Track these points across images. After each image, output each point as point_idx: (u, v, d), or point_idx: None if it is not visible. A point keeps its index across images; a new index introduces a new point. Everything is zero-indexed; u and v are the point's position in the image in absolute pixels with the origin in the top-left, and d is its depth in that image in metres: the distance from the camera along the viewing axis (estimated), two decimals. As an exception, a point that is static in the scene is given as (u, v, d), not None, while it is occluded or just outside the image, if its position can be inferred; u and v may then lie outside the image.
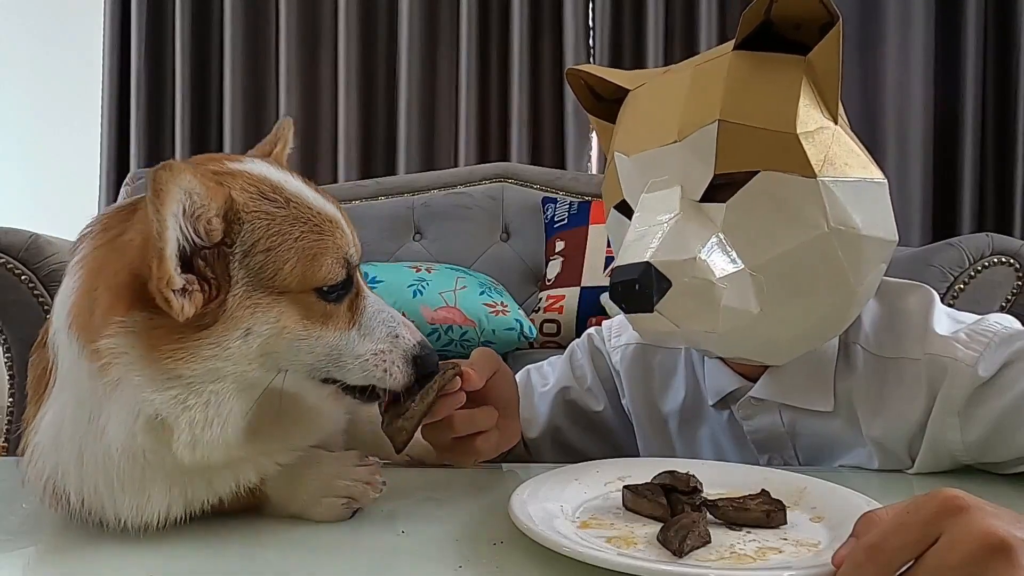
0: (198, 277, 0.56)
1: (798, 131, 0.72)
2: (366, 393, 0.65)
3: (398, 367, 0.64)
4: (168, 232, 0.53)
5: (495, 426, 0.77)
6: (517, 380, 1.08)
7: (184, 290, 0.55)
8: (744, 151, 0.74)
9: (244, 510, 0.66)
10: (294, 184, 0.63)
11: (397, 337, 0.65)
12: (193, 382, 0.57)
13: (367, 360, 0.63)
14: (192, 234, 0.55)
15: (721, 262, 0.73)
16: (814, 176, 0.72)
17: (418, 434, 0.86)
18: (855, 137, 0.79)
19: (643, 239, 0.74)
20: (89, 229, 0.62)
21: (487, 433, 0.76)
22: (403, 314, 0.68)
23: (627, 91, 0.88)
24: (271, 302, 0.58)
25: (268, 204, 0.59)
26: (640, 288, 0.71)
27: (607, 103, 0.91)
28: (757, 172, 0.73)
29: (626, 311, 0.75)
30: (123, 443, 0.57)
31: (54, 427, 0.60)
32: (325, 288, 0.61)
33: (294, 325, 0.60)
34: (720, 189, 0.75)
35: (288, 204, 0.60)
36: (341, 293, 0.62)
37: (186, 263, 0.56)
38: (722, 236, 0.74)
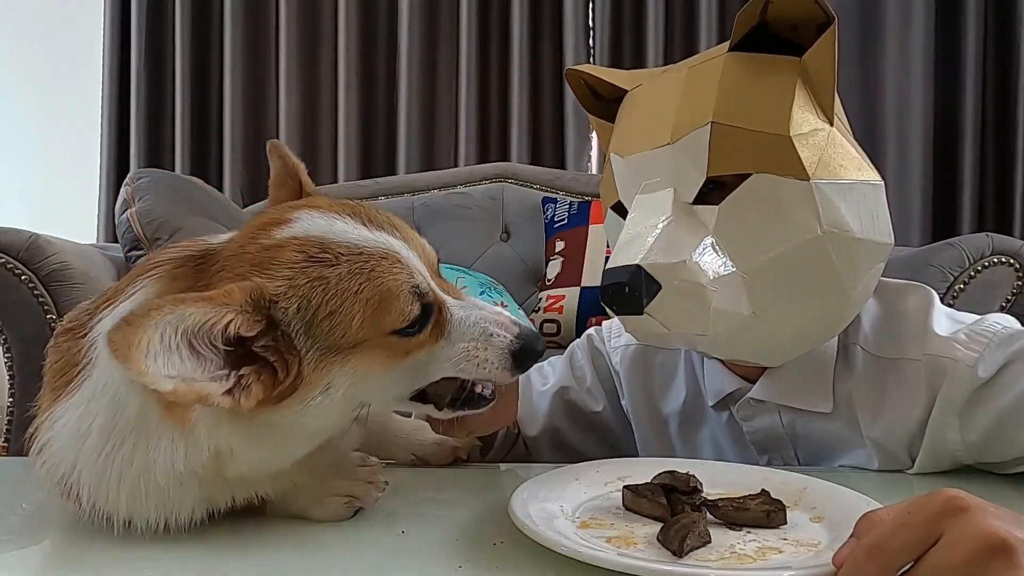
0: (259, 364, 0.56)
1: (791, 133, 0.72)
2: (474, 402, 0.67)
3: (495, 364, 0.63)
4: (156, 381, 0.51)
5: None
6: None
7: (238, 386, 0.55)
8: (737, 153, 0.74)
9: (246, 509, 0.66)
10: (340, 230, 0.61)
11: (491, 336, 0.63)
12: (271, 426, 0.58)
13: (456, 359, 0.63)
14: (215, 346, 0.54)
15: (712, 265, 0.73)
16: (807, 179, 0.72)
17: (424, 435, 0.86)
18: (852, 138, 0.78)
19: (635, 241, 0.74)
20: (156, 269, 0.62)
21: None
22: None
23: (625, 91, 0.88)
24: (347, 356, 0.58)
25: (318, 268, 0.58)
26: (630, 291, 0.72)
27: (607, 103, 0.91)
28: (750, 175, 0.73)
29: (616, 313, 0.75)
30: (175, 467, 0.57)
31: (77, 431, 0.60)
32: (403, 328, 0.60)
33: (376, 369, 0.60)
34: (713, 191, 0.75)
35: (339, 260, 0.58)
36: (422, 323, 0.61)
37: (239, 358, 0.55)
38: (714, 239, 0.74)
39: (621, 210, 0.83)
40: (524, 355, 0.64)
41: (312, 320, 0.57)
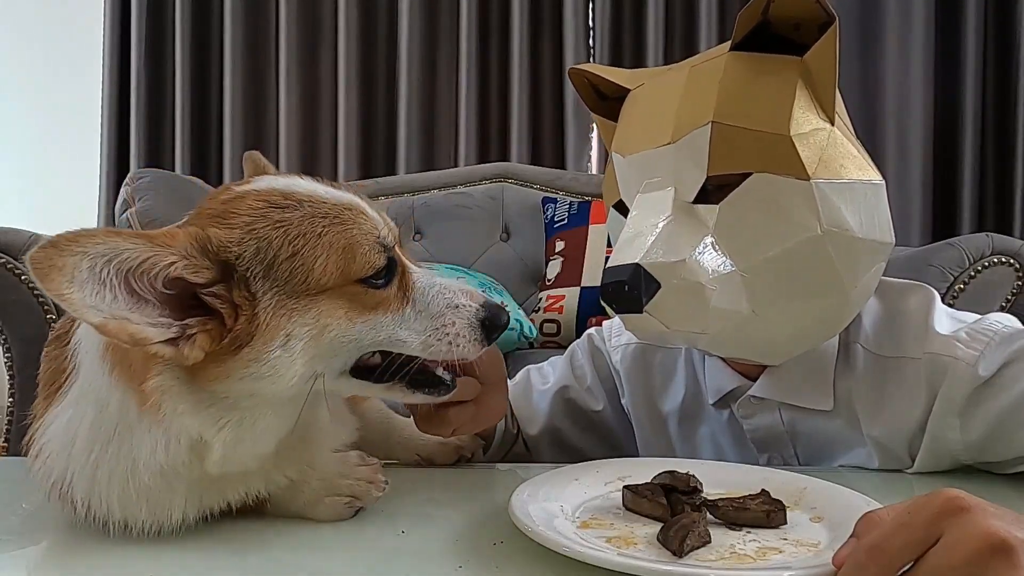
0: (209, 315, 0.55)
1: (792, 133, 0.72)
2: (433, 384, 0.65)
3: (464, 336, 0.62)
4: (82, 310, 0.50)
5: (473, 400, 0.75)
6: (517, 379, 1.09)
7: (183, 337, 0.54)
8: (737, 153, 0.74)
9: (246, 510, 0.66)
10: (304, 184, 0.61)
11: (457, 307, 0.63)
12: (230, 399, 0.57)
13: (428, 336, 0.62)
14: (154, 288, 0.53)
15: (712, 264, 0.73)
16: (808, 178, 0.72)
17: (427, 436, 0.86)
18: (854, 138, 0.78)
19: (635, 240, 0.75)
20: None
21: (463, 405, 0.74)
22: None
23: (628, 90, 0.88)
24: (308, 303, 0.57)
25: (280, 212, 0.58)
26: (630, 289, 0.72)
27: (610, 101, 0.91)
28: (750, 174, 0.73)
29: (616, 311, 0.75)
30: (157, 463, 0.57)
31: (67, 435, 0.60)
32: (368, 276, 0.59)
33: (338, 320, 0.58)
34: (713, 191, 0.75)
35: (302, 204, 0.58)
36: (387, 277, 0.61)
37: (187, 307, 0.55)
38: (714, 238, 0.74)
39: (623, 209, 0.83)
40: (491, 323, 0.63)
41: (272, 262, 0.56)
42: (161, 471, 0.58)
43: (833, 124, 0.75)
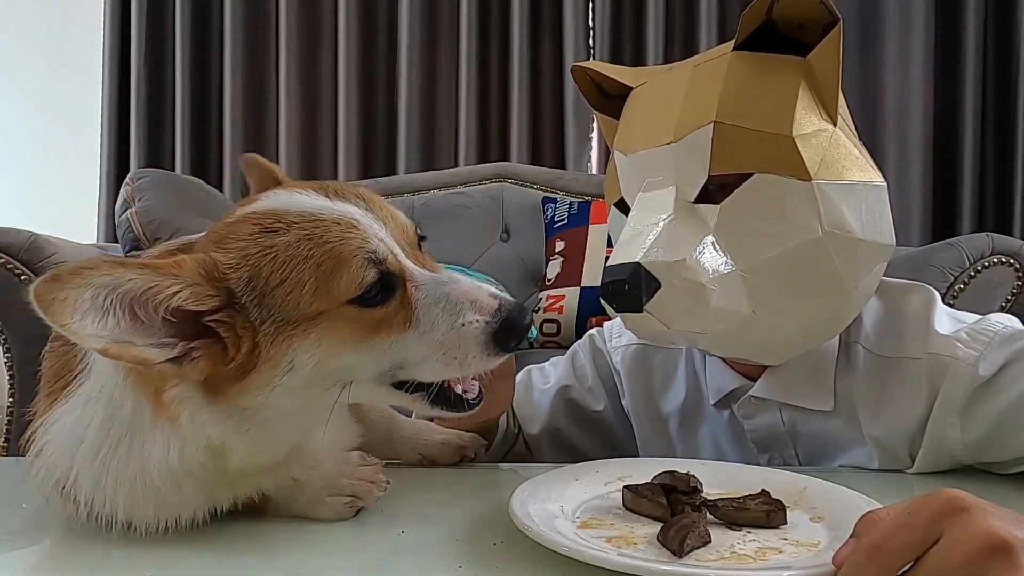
0: (210, 337, 0.55)
1: (794, 134, 0.72)
2: (454, 403, 0.63)
3: (474, 355, 0.58)
4: (83, 338, 0.51)
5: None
6: (519, 379, 1.09)
7: (187, 357, 0.54)
8: (739, 153, 0.74)
9: (247, 509, 0.66)
10: (300, 202, 0.59)
11: (463, 327, 0.58)
12: (251, 410, 0.58)
13: (436, 363, 0.59)
14: (160, 314, 0.54)
15: (712, 263, 0.73)
16: (809, 179, 0.72)
17: (431, 435, 0.86)
18: (856, 139, 0.78)
19: (636, 239, 0.75)
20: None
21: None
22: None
23: (631, 88, 0.88)
24: (307, 329, 0.56)
25: (270, 237, 0.57)
26: (630, 288, 0.72)
27: (612, 99, 0.91)
28: (752, 174, 0.73)
29: (616, 310, 0.75)
30: (169, 467, 0.58)
31: (73, 435, 0.60)
32: (359, 296, 0.57)
33: (340, 345, 0.57)
34: (715, 190, 0.75)
35: (291, 227, 0.57)
36: (384, 294, 0.58)
37: (194, 331, 0.55)
38: (715, 238, 0.74)
39: (624, 207, 0.83)
40: (506, 333, 0.59)
41: (264, 290, 0.56)
42: (172, 473, 0.58)
43: (836, 125, 0.75)
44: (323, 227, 0.57)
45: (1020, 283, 1.74)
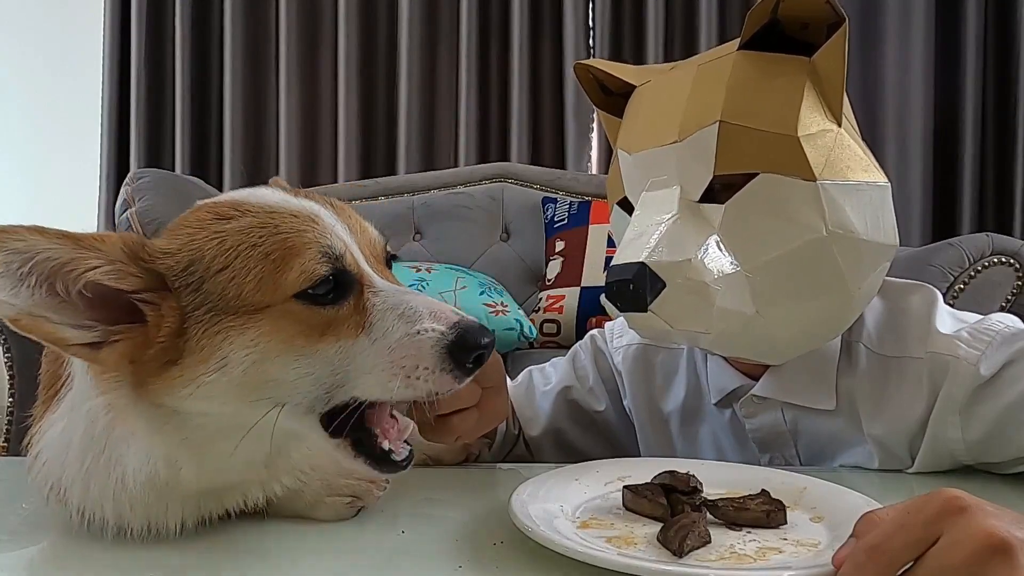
0: (133, 320, 0.53)
1: (799, 134, 0.72)
2: (378, 457, 0.58)
3: (426, 366, 0.54)
4: None
5: (475, 405, 0.74)
6: (519, 380, 1.09)
7: (106, 341, 0.52)
8: (744, 153, 0.74)
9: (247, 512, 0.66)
10: (260, 195, 0.57)
11: (418, 334, 0.54)
12: (181, 415, 0.55)
13: (381, 372, 0.54)
14: (77, 287, 0.51)
15: (716, 263, 0.73)
16: (814, 179, 0.72)
17: None
18: (859, 139, 0.78)
19: (640, 239, 0.74)
20: None
21: (466, 411, 0.73)
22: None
23: (634, 86, 0.87)
24: (245, 322, 0.52)
25: (221, 223, 0.54)
26: (634, 288, 0.72)
27: (615, 97, 0.91)
28: (757, 174, 0.73)
29: (620, 310, 0.75)
30: (144, 475, 0.57)
31: (61, 443, 0.60)
32: (308, 291, 0.53)
33: (280, 345, 0.53)
34: (719, 190, 0.75)
35: (245, 215, 0.54)
36: (337, 293, 0.54)
37: (124, 312, 0.53)
38: (719, 237, 0.74)
39: (627, 206, 0.83)
40: (461, 348, 0.54)
41: (205, 275, 0.52)
42: (150, 482, 0.57)
43: (840, 125, 0.75)
44: (279, 218, 0.55)
45: (1020, 283, 1.74)
